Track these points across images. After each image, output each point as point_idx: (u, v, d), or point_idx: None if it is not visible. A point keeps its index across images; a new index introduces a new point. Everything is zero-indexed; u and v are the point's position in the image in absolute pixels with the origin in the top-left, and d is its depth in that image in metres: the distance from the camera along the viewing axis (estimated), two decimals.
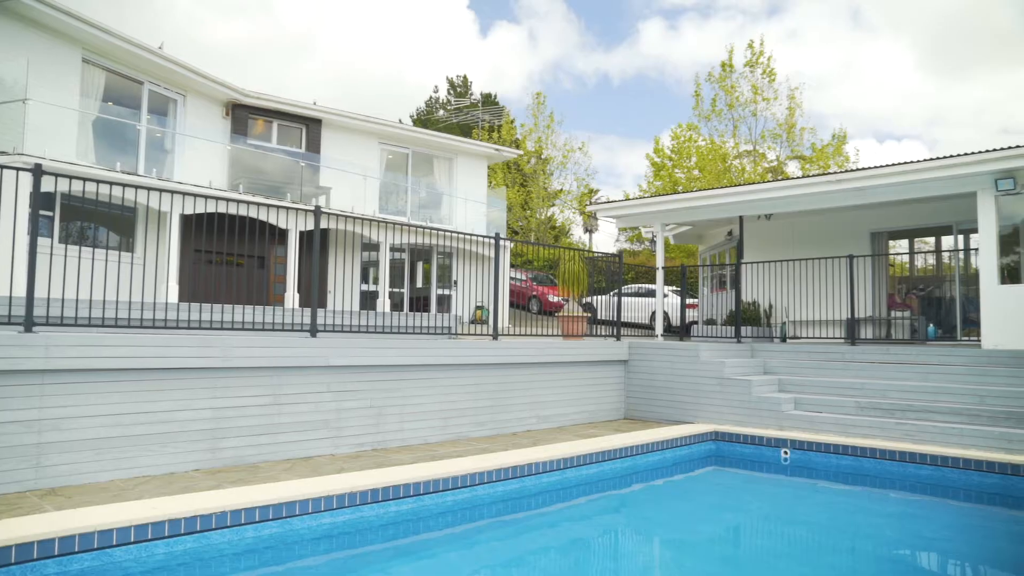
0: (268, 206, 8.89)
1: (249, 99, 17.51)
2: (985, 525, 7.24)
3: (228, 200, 7.99)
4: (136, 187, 7.32)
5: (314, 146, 18.87)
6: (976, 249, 11.32)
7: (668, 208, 14.42)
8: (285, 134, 18.69)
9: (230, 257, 12.67)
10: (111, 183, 7.23)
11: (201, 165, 16.10)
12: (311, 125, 18.96)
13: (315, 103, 19.03)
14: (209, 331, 7.51)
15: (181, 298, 13.29)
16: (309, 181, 17.97)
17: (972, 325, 12.73)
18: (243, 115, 17.71)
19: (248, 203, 8.20)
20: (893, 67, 59.59)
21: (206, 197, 8.05)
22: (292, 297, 14.66)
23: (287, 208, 9.57)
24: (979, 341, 10.64)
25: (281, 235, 15.57)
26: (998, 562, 6.11)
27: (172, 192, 7.95)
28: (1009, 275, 11.28)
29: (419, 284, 21.83)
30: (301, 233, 15.47)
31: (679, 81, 65.06)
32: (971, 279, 12.99)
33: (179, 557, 4.92)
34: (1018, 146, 10.05)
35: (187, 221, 13.96)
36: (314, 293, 8.03)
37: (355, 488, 5.91)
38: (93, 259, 7.02)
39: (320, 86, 66.26)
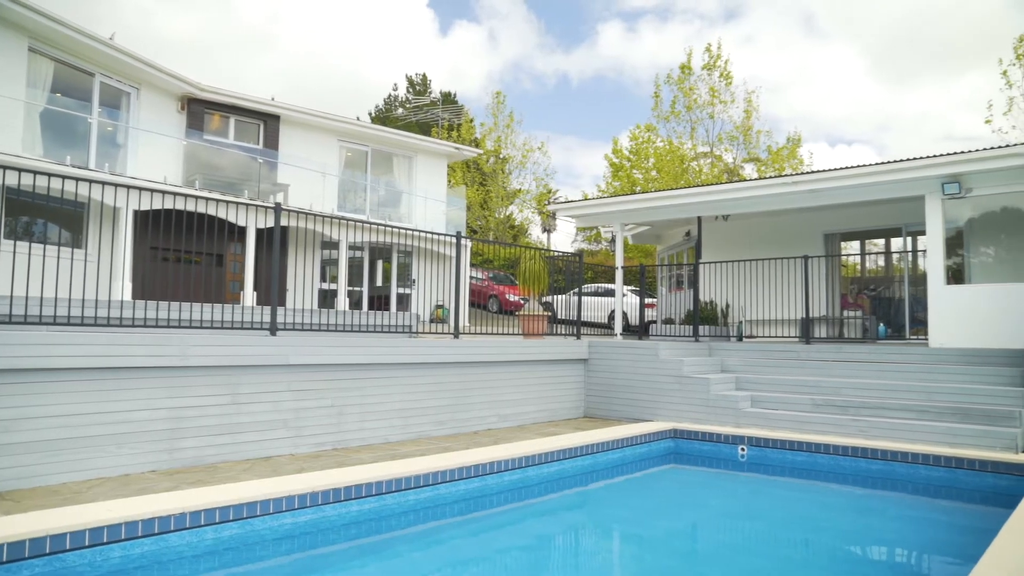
0: (227, 203, 8.74)
1: (205, 94, 17.18)
2: (931, 516, 7.48)
3: (187, 196, 7.84)
4: (90, 181, 7.15)
5: (272, 142, 18.60)
6: (924, 251, 11.67)
7: (628, 208, 14.56)
8: (242, 130, 18.39)
9: (186, 255, 12.40)
10: (63, 177, 7.04)
11: (156, 160, 15.75)
12: (269, 121, 18.68)
13: (273, 99, 18.77)
14: (166, 329, 7.35)
15: (135, 296, 12.99)
16: (267, 178, 17.71)
17: (920, 324, 13.11)
18: (199, 110, 17.38)
19: (208, 199, 8.05)
20: (844, 73, 61.04)
21: (164, 192, 7.90)
22: (250, 295, 14.43)
23: (246, 205, 9.42)
24: (927, 340, 10.97)
25: (238, 232, 15.31)
26: (943, 551, 6.32)
27: (128, 187, 7.75)
28: (954, 276, 11.65)
29: (378, 283, 21.67)
30: (259, 230, 15.24)
31: (637, 83, 65.75)
32: (919, 280, 13.38)
33: (136, 560, 4.81)
34: (963, 152, 10.39)
35: (141, 217, 13.64)
36: (274, 291, 7.92)
37: (316, 488, 5.85)
38: (44, 255, 6.83)
39: (277, 82, 65.34)
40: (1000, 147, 10.19)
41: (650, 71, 66.82)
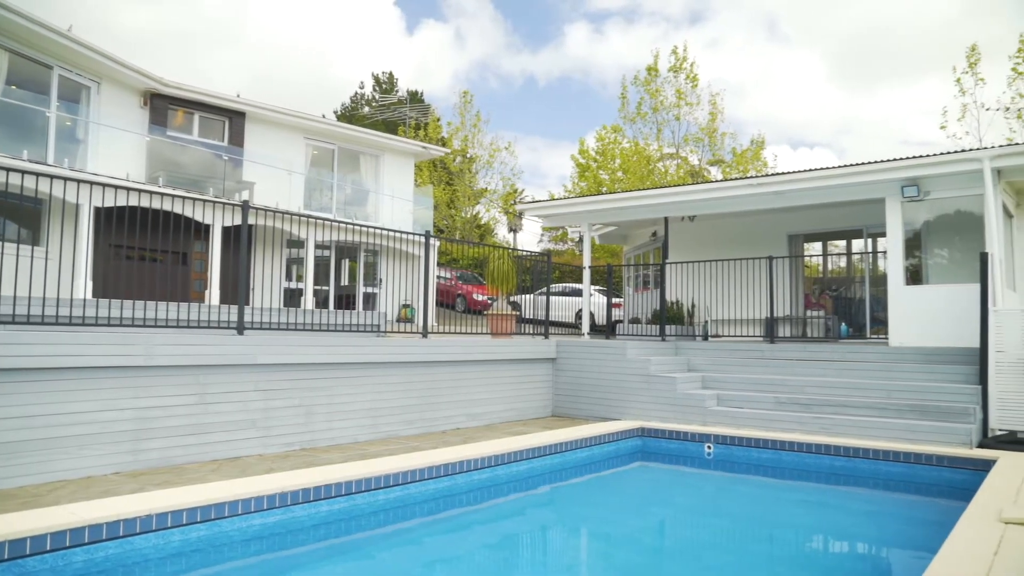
0: (194, 200, 8.61)
1: (169, 89, 16.89)
2: (891, 511, 7.67)
3: (152, 193, 7.71)
4: (51, 177, 6.99)
5: (237, 140, 18.35)
6: (884, 252, 11.94)
7: (597, 208, 14.65)
8: (207, 127, 18.10)
9: (149, 253, 12.19)
10: (20, 172, 6.87)
11: (117, 156, 15.42)
12: (234, 118, 18.43)
13: (239, 95, 18.53)
14: (130, 328, 7.23)
15: (95, 295, 12.72)
16: (232, 176, 17.47)
17: (880, 324, 13.40)
18: (162, 105, 17.07)
19: (173, 197, 7.93)
20: (806, 78, 62.12)
21: (128, 189, 7.75)
22: (214, 294, 14.22)
23: (213, 202, 9.29)
24: (887, 339, 11.22)
25: (203, 231, 15.08)
26: (904, 544, 6.49)
27: (92, 184, 7.60)
28: (912, 277, 11.93)
29: (344, 282, 21.51)
30: (225, 228, 15.03)
31: (604, 84, 66.11)
32: (879, 280, 13.68)
33: (100, 564, 4.72)
34: (922, 156, 10.65)
35: (104, 215, 13.37)
36: (241, 290, 7.83)
37: (285, 488, 5.80)
38: (1, 253, 6.66)
39: (242, 78, 64.44)
40: (955, 152, 10.46)
41: (616, 72, 67.39)
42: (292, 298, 18.20)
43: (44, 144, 14.37)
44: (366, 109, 49.95)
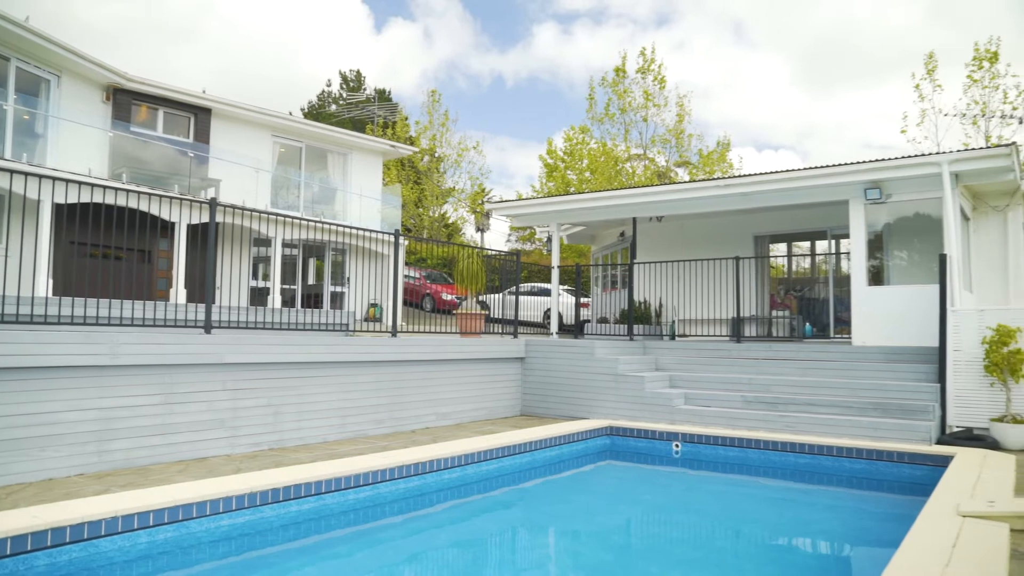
0: (160, 197, 8.47)
1: (132, 84, 16.57)
2: (855, 506, 7.84)
3: (117, 190, 7.57)
4: (10, 172, 6.83)
5: (203, 136, 18.07)
6: (847, 253, 12.17)
7: (566, 208, 14.71)
8: (172, 123, 17.80)
9: (113, 251, 11.95)
10: None
11: (79, 152, 15.09)
12: (200, 114, 18.15)
13: (204, 92, 18.24)
14: (95, 327, 7.09)
15: (55, 292, 12.44)
16: (197, 172, 17.20)
17: (843, 324, 13.66)
18: (125, 100, 16.75)
19: (139, 194, 7.79)
20: (771, 81, 63.00)
21: (92, 185, 7.60)
22: (179, 293, 14.00)
23: (179, 199, 9.14)
24: (850, 339, 11.45)
25: (167, 228, 14.84)
26: (866, 538, 6.64)
27: (54, 179, 7.44)
28: (874, 278, 12.19)
29: (311, 281, 21.32)
30: (189, 226, 14.80)
31: (571, 85, 66.36)
32: (842, 281, 13.94)
33: (63, 568, 4.63)
34: (884, 159, 10.89)
35: (65, 211, 13.08)
36: (209, 288, 7.73)
37: (254, 488, 5.75)
38: None
39: (207, 75, 63.33)
40: (916, 156, 10.72)
41: (584, 73, 67.57)
42: (258, 297, 17.99)
43: (1, 138, 14.02)
44: (333, 107, 49.53)
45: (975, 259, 12.16)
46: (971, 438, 8.80)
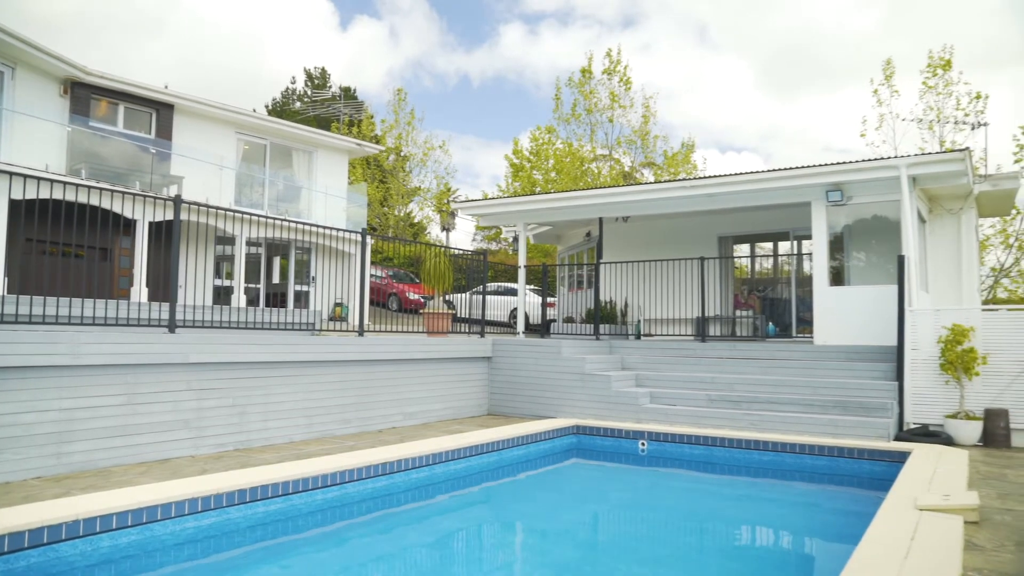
0: (123, 194, 8.31)
1: (91, 78, 16.21)
2: (817, 502, 8.00)
3: (77, 185, 7.41)
4: None
5: (165, 132, 17.75)
6: (809, 254, 12.40)
7: (533, 208, 14.76)
8: (133, 118, 17.46)
9: (69, 248, 11.69)
10: None
11: (35, 146, 14.72)
12: (162, 110, 17.82)
13: (167, 87, 17.93)
14: (54, 326, 6.94)
15: (10, 291, 12.13)
16: (159, 169, 16.90)
17: (805, 324, 13.91)
18: (84, 95, 16.38)
19: (101, 191, 7.63)
20: (734, 84, 63.82)
21: (51, 181, 7.43)
22: (140, 291, 13.74)
23: (142, 197, 8.97)
24: (812, 338, 11.67)
25: (128, 226, 14.55)
26: (828, 533, 6.78)
27: (9, 174, 7.26)
28: (835, 278, 12.44)
29: (275, 280, 21.08)
30: (151, 224, 14.54)
31: (537, 85, 66.46)
32: (804, 281, 14.20)
33: (21, 573, 4.52)
34: (846, 162, 11.13)
35: (19, 208, 12.75)
36: (173, 287, 7.61)
37: (220, 489, 5.67)
38: None
39: (169, 70, 62.07)
40: (876, 159, 10.97)
41: (550, 74, 67.86)
42: (221, 296, 17.74)
43: None
44: (298, 104, 48.97)
45: (931, 260, 12.48)
46: (927, 434, 9.04)
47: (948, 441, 8.81)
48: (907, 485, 6.22)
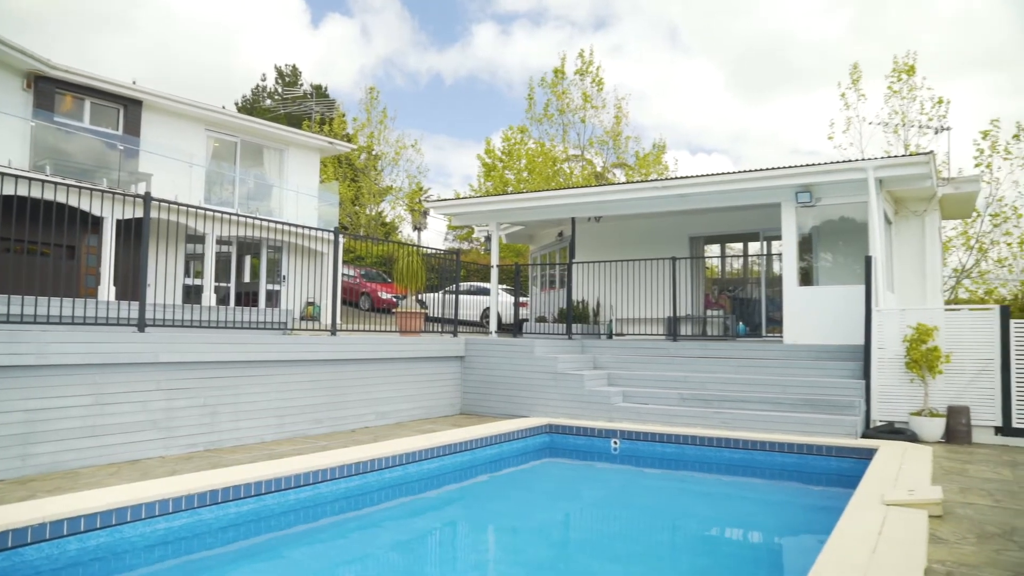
0: (90, 190, 8.17)
1: (56, 72, 15.90)
2: (787, 499, 8.11)
3: (43, 181, 7.28)
4: None
5: (133, 129, 17.48)
6: (779, 254, 12.57)
7: (506, 207, 14.77)
8: (100, 114, 17.16)
9: (33, 246, 11.46)
10: None
11: None
12: (130, 106, 17.54)
13: (135, 83, 17.65)
14: (19, 325, 6.80)
15: None
16: (127, 166, 16.64)
17: (775, 323, 14.10)
18: (48, 89, 16.06)
19: (67, 187, 7.49)
20: (704, 86, 64.42)
21: (16, 176, 7.28)
22: (107, 290, 13.52)
23: (111, 194, 8.84)
24: (781, 337, 11.83)
25: (96, 223, 14.30)
26: (797, 528, 6.91)
27: None
28: (804, 278, 12.63)
29: (246, 279, 20.86)
30: (119, 222, 14.30)
31: (510, 85, 66.48)
32: (774, 281, 14.39)
33: None
34: (814, 164, 11.30)
35: None
36: (143, 286, 7.51)
37: (191, 490, 5.61)
38: None
39: (137, 66, 61.07)
40: (844, 161, 11.17)
41: (523, 74, 67.88)
42: (191, 295, 17.51)
43: None
44: (268, 102, 48.46)
45: (896, 261, 12.71)
46: (893, 431, 9.22)
47: (913, 438, 8.99)
48: (874, 481, 6.35)
